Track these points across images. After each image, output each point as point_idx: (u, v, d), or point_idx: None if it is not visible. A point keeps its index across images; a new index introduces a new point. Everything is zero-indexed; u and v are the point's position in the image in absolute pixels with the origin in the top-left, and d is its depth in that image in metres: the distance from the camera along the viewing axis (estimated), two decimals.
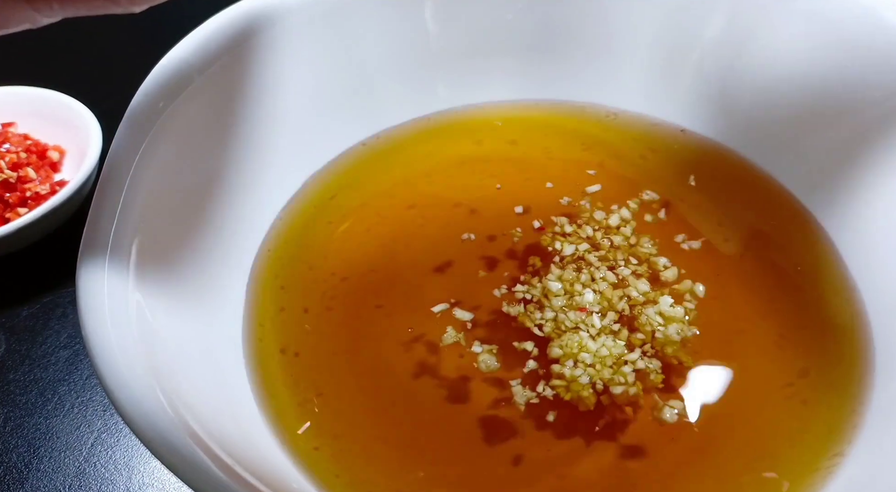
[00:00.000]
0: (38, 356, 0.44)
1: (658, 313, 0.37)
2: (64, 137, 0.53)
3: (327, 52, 0.43)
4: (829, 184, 0.41)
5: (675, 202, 0.43)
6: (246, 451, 0.30)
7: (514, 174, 0.45)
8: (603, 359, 0.35)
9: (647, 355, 0.36)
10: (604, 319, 0.37)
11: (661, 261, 0.40)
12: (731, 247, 0.41)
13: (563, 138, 0.47)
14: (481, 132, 0.48)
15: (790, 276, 0.40)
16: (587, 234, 0.41)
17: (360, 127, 0.47)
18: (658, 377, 0.35)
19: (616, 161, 0.46)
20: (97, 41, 0.68)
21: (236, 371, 0.36)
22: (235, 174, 0.40)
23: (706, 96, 0.46)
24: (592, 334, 0.36)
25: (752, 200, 0.43)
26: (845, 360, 0.36)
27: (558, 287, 0.38)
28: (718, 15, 0.43)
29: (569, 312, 0.37)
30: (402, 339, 0.37)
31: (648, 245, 0.40)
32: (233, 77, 0.39)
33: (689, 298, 0.38)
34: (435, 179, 0.45)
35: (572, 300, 0.37)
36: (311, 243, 0.42)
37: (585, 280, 0.38)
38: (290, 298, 0.40)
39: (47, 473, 0.39)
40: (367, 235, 0.43)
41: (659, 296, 0.38)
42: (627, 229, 0.41)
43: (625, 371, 0.35)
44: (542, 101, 0.49)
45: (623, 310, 0.37)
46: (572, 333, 0.36)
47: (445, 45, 0.47)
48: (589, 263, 0.39)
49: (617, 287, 0.38)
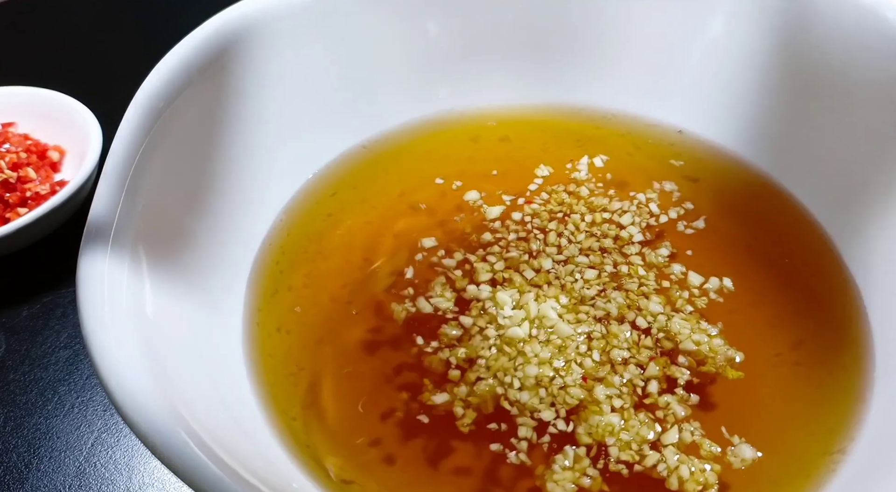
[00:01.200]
0: (38, 356, 0.44)
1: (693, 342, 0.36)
2: (64, 137, 0.53)
3: (327, 53, 0.43)
4: (828, 183, 0.41)
5: (677, 203, 0.43)
6: (245, 451, 0.30)
7: (512, 171, 0.46)
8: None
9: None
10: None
11: (676, 268, 0.40)
12: (731, 244, 0.41)
13: (558, 137, 0.47)
14: (477, 130, 0.48)
15: (790, 275, 0.40)
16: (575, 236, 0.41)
17: (360, 128, 0.47)
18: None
19: (614, 156, 0.46)
20: (97, 41, 0.68)
21: (236, 371, 0.36)
22: (235, 175, 0.40)
23: (704, 98, 0.46)
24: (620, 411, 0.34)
25: (751, 200, 0.43)
26: (845, 360, 0.36)
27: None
28: (718, 15, 0.43)
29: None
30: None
31: (663, 253, 0.41)
32: (232, 78, 0.39)
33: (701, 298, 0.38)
34: (432, 176, 0.46)
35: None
36: (312, 233, 0.43)
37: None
38: (288, 282, 0.40)
39: (47, 473, 0.39)
40: (368, 226, 0.43)
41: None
42: (634, 229, 0.41)
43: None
44: (540, 102, 0.49)
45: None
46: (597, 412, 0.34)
47: (446, 47, 0.47)
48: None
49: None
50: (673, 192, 0.44)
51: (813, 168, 0.42)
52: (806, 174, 0.42)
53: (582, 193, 0.44)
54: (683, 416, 0.34)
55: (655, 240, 0.41)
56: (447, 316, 0.38)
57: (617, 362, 0.35)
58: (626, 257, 0.40)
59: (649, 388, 0.34)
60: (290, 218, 0.43)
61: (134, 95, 0.35)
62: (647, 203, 0.43)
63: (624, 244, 0.41)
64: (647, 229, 0.42)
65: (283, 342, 0.38)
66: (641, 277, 0.39)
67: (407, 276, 0.40)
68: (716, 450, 0.33)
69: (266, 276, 0.41)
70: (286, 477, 0.32)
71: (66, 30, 0.69)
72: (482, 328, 0.37)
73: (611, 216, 0.42)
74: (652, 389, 0.34)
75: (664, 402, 0.34)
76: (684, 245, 0.41)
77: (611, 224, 0.42)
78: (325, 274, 0.41)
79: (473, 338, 0.37)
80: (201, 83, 0.37)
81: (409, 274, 0.40)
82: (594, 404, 0.34)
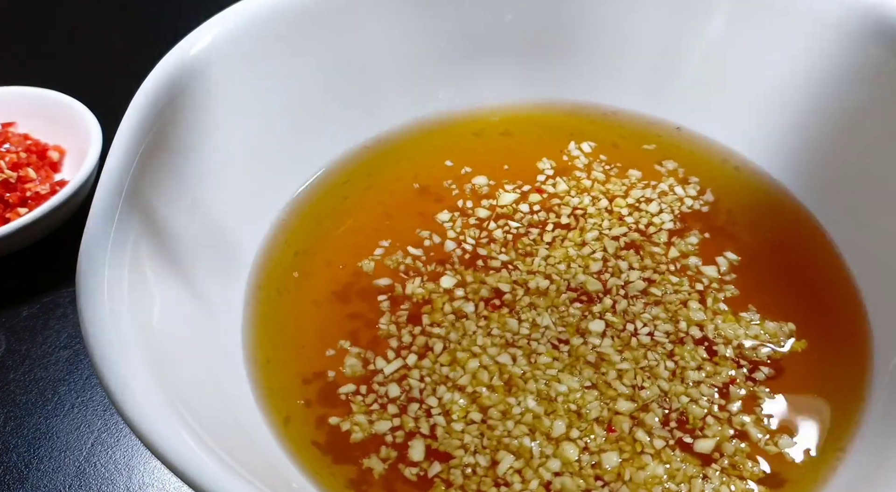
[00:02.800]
0: (38, 356, 0.44)
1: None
2: (64, 137, 0.53)
3: (328, 53, 0.43)
4: (829, 183, 0.41)
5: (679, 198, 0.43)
6: (245, 451, 0.30)
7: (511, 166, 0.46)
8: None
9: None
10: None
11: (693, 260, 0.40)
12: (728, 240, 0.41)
13: (555, 134, 0.48)
14: (479, 126, 0.49)
15: (790, 275, 0.40)
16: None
17: (360, 128, 0.47)
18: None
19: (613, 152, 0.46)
20: (97, 41, 0.68)
21: (236, 371, 0.36)
22: (235, 175, 0.40)
23: (704, 96, 0.46)
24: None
25: (751, 200, 0.43)
26: (845, 359, 0.36)
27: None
28: (718, 15, 0.43)
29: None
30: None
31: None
32: (233, 77, 0.39)
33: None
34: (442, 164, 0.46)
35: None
36: (314, 233, 0.43)
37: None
38: (289, 281, 0.40)
39: (47, 473, 0.39)
40: (378, 207, 0.44)
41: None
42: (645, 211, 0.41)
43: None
44: (540, 100, 0.49)
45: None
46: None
47: (445, 47, 0.47)
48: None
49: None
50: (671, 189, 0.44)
51: (815, 169, 0.42)
52: (807, 175, 0.42)
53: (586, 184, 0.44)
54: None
55: (683, 229, 0.42)
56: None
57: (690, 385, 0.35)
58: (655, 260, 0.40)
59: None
60: (291, 217, 0.43)
61: (134, 95, 0.35)
62: (648, 202, 0.43)
63: (656, 231, 0.41)
64: (678, 218, 0.42)
65: (284, 342, 0.38)
66: (675, 285, 0.39)
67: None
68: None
69: (266, 276, 0.41)
70: (286, 477, 0.32)
71: (66, 30, 0.69)
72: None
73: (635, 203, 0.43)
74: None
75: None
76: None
77: (640, 212, 0.43)
78: (326, 274, 0.41)
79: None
80: (201, 83, 0.38)
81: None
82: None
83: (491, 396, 0.34)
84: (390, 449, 0.33)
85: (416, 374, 0.36)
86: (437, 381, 0.35)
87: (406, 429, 0.34)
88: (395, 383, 0.36)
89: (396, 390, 0.35)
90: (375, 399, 0.35)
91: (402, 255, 0.41)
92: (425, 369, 0.36)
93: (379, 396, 0.35)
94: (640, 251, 0.40)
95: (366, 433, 0.34)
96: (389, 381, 0.36)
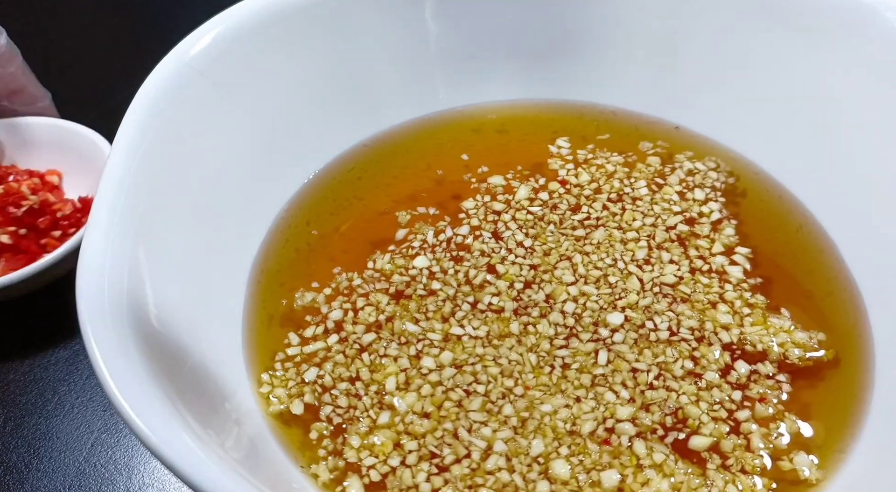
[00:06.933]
0: (38, 356, 0.44)
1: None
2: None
3: (329, 53, 0.43)
4: (828, 183, 0.41)
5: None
6: (245, 451, 0.30)
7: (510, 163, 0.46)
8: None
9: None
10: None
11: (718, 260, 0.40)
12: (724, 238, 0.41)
13: (556, 134, 0.48)
14: (478, 122, 0.49)
15: (789, 274, 0.40)
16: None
17: (360, 128, 0.47)
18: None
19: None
20: (97, 41, 0.68)
21: (236, 370, 0.36)
22: (234, 175, 0.40)
23: (703, 96, 0.46)
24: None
25: (749, 200, 0.43)
26: (845, 360, 0.36)
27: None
28: (718, 15, 0.43)
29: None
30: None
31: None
32: (233, 77, 0.39)
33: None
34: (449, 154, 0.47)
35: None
36: (315, 232, 0.43)
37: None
38: (289, 281, 0.40)
39: (47, 473, 0.39)
40: (389, 186, 0.45)
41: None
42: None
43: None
44: (540, 100, 0.49)
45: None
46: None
47: (446, 47, 0.47)
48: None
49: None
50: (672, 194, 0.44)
51: (815, 169, 0.42)
52: (810, 175, 0.42)
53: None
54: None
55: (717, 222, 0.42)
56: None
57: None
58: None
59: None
60: (291, 217, 0.43)
61: (134, 95, 0.35)
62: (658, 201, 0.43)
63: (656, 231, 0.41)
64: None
65: (283, 341, 0.38)
66: (706, 286, 0.39)
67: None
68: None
69: (266, 275, 0.41)
70: (286, 478, 0.32)
71: (66, 30, 0.69)
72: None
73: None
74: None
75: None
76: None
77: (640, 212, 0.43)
78: (325, 272, 0.41)
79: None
80: (201, 83, 0.38)
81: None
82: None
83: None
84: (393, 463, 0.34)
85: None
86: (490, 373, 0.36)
87: (426, 450, 0.34)
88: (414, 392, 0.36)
89: (413, 398, 0.35)
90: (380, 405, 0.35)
91: (400, 257, 0.41)
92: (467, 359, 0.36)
93: (384, 404, 0.35)
94: (647, 252, 0.41)
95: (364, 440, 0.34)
96: (397, 391, 0.36)
